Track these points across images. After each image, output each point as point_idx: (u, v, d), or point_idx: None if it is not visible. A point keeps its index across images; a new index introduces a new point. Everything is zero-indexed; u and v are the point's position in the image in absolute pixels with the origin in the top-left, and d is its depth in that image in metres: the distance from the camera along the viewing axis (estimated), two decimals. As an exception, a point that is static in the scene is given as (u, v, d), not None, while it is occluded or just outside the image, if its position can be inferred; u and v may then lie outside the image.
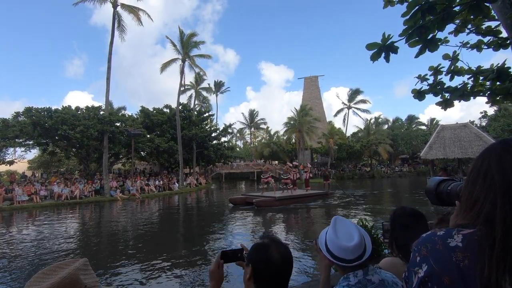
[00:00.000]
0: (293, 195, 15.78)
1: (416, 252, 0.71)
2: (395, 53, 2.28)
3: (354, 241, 1.12)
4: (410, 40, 2.18)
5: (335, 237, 1.15)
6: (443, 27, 2.15)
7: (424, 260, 0.68)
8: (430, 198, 0.94)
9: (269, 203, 14.24)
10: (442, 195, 0.88)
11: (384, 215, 10.89)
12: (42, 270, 0.78)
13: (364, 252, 1.14)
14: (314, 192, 17.66)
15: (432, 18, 2.04)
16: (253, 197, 14.98)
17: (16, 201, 16.60)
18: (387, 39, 2.21)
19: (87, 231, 10.70)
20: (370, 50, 2.28)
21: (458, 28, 2.72)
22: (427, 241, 0.69)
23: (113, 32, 21.60)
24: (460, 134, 15.42)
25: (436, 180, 0.93)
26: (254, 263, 1.09)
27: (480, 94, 2.91)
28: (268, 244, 1.11)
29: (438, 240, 0.67)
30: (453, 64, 2.90)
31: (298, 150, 36.13)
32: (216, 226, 10.74)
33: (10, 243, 8.76)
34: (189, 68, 29.00)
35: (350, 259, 1.11)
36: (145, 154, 28.36)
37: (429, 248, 0.68)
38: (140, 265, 6.42)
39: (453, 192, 0.85)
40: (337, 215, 1.26)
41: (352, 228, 1.17)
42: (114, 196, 19.87)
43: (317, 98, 49.90)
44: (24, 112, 21.07)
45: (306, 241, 8.02)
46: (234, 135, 61.28)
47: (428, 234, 0.71)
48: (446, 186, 0.88)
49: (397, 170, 41.09)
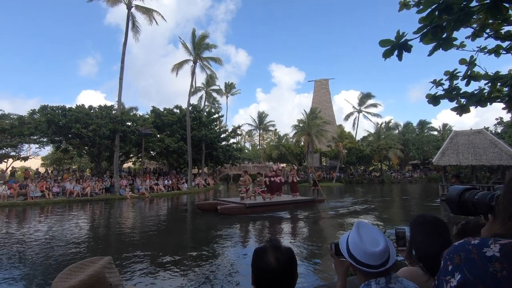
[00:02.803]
0: (268, 202, 13.74)
1: (447, 260, 0.69)
2: (408, 51, 2.24)
3: (380, 247, 1.09)
4: (424, 39, 2.15)
5: (360, 242, 1.12)
6: (459, 27, 2.12)
7: (457, 269, 0.66)
8: (452, 208, 0.91)
9: (236, 210, 12.40)
10: (467, 204, 0.86)
11: (393, 224, 10.71)
12: (68, 267, 0.79)
13: (388, 259, 1.11)
14: (295, 199, 15.18)
15: (448, 17, 2.00)
16: (223, 203, 13.26)
17: (30, 196, 17.03)
18: (401, 37, 2.18)
19: (97, 228, 10.89)
20: (383, 47, 2.25)
21: (476, 32, 2.67)
22: (461, 250, 0.68)
23: (126, 33, 22.01)
24: (474, 140, 15.08)
25: (458, 189, 0.90)
26: (253, 267, 1.11)
27: (497, 100, 2.84)
28: (266, 250, 1.11)
29: (473, 249, 0.66)
30: (469, 69, 2.84)
31: (307, 153, 35.94)
32: (222, 225, 10.73)
33: (22, 238, 8.97)
34: (200, 69, 29.29)
35: (376, 265, 1.08)
36: (155, 154, 28.71)
37: (463, 257, 0.66)
38: (147, 263, 6.48)
39: (481, 202, 0.82)
40: (360, 220, 1.24)
41: (377, 234, 1.14)
42: (124, 194, 20.16)
43: (327, 101, 49.61)
44: (40, 110, 21.65)
45: (316, 244, 7.95)
46: (243, 137, 61.44)
47: (461, 243, 0.70)
48: (472, 196, 0.85)
49: (408, 175, 40.38)
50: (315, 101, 49.29)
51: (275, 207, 13.70)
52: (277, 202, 14.19)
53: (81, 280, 0.73)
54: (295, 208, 14.00)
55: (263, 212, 12.83)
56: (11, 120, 22.57)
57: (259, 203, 13.34)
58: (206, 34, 27.87)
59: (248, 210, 12.59)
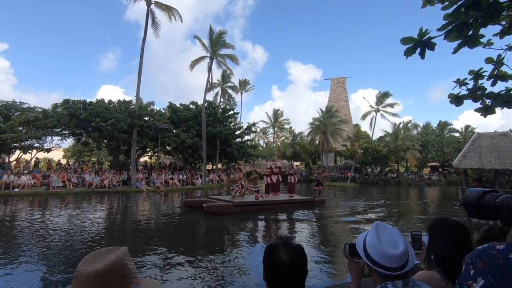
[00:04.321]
0: (260, 202, 12.74)
1: (469, 264, 0.68)
2: (431, 49, 2.17)
3: (400, 249, 1.07)
4: (448, 37, 2.07)
5: (378, 243, 1.09)
6: (487, 24, 2.02)
7: (479, 274, 0.65)
8: (470, 211, 0.87)
9: (224, 209, 11.62)
10: (487, 208, 0.82)
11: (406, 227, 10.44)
12: (90, 254, 0.84)
13: (407, 262, 1.08)
14: (291, 199, 14.13)
15: (475, 14, 1.91)
16: (212, 201, 12.62)
17: (52, 186, 17.76)
18: (424, 34, 2.10)
19: (114, 219, 11.25)
20: (405, 44, 2.18)
21: (505, 30, 2.54)
22: (484, 255, 0.66)
23: (146, 29, 22.41)
24: (499, 143, 14.43)
25: (477, 191, 0.87)
26: (265, 264, 1.13)
27: (526, 102, 2.70)
28: (277, 246, 1.12)
29: (498, 254, 0.64)
30: (496, 68, 2.71)
31: (322, 152, 35.56)
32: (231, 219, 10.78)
33: (46, 225, 9.39)
34: (217, 66, 29.47)
35: (395, 267, 1.06)
36: (170, 149, 29.22)
37: (487, 261, 0.65)
38: (159, 255, 6.62)
39: (504, 206, 0.78)
40: (378, 221, 1.22)
41: (397, 235, 1.12)
42: (140, 187, 20.67)
43: (343, 100, 48.83)
44: (62, 103, 22.49)
45: (330, 245, 7.89)
46: (257, 134, 61.50)
47: (485, 247, 0.68)
48: (493, 199, 0.82)
49: (426, 178, 39.22)
50: (331, 100, 48.63)
51: (268, 207, 12.79)
52: (270, 202, 13.19)
53: (105, 264, 0.77)
54: (292, 209, 12.99)
55: (255, 212, 12.01)
56: (35, 113, 23.55)
57: (249, 202, 12.44)
58: (224, 31, 28.00)
59: (238, 209, 11.75)
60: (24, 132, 21.19)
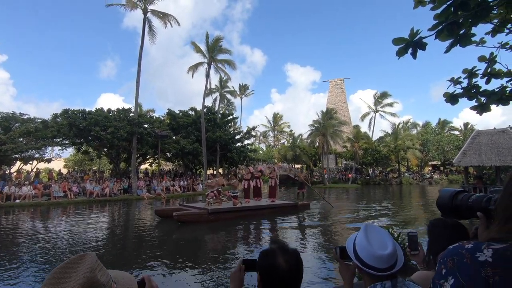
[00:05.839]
0: (237, 208, 11.85)
1: (441, 264, 0.69)
2: (423, 49, 2.19)
3: (388, 250, 1.08)
4: (439, 36, 2.09)
5: (367, 244, 1.10)
6: (477, 23, 2.04)
7: (450, 273, 0.66)
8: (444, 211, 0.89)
9: (196, 217, 10.79)
10: (461, 208, 0.83)
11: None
12: (52, 273, 0.67)
13: (396, 263, 1.09)
14: (272, 204, 13.21)
15: (464, 13, 1.93)
16: (185, 209, 11.84)
17: (53, 196, 17.74)
18: (415, 35, 2.13)
19: (115, 227, 11.22)
20: (397, 45, 2.21)
21: (496, 28, 2.57)
22: (454, 254, 0.67)
23: (143, 37, 22.59)
24: (498, 140, 14.44)
25: (450, 192, 0.88)
26: (260, 270, 1.11)
27: (521, 98, 2.71)
28: (274, 251, 1.11)
29: (466, 253, 0.65)
30: (490, 66, 2.73)
31: (322, 154, 35.55)
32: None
33: (46, 235, 9.36)
34: (215, 71, 29.62)
35: (383, 268, 1.07)
36: (170, 155, 29.23)
37: (456, 261, 0.66)
38: (162, 263, 6.60)
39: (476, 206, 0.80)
40: (368, 222, 1.22)
41: (386, 236, 1.13)
42: (141, 195, 20.64)
43: (342, 101, 48.97)
44: (62, 113, 22.55)
45: (331, 247, 7.85)
46: (257, 138, 61.57)
47: (455, 247, 0.69)
48: (466, 199, 0.83)
49: (428, 177, 39.15)
50: (330, 102, 48.77)
51: (247, 213, 11.93)
52: (249, 208, 12.30)
53: None
54: (273, 215, 12.24)
55: (232, 220, 11.27)
56: (35, 123, 23.62)
57: (225, 209, 11.57)
58: (220, 37, 28.25)
59: (212, 217, 10.93)
60: (24, 143, 21.21)
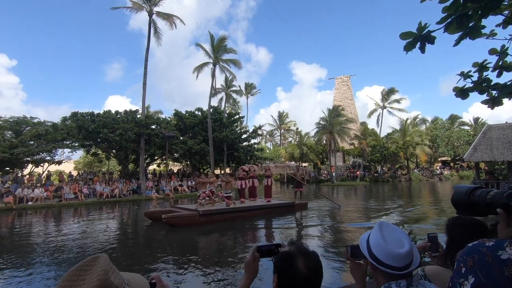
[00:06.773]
0: (229, 209, 11.34)
1: (461, 262, 0.67)
2: (431, 43, 2.14)
3: (406, 248, 1.05)
4: (448, 29, 2.04)
5: (383, 243, 1.07)
6: (487, 15, 1.99)
7: (470, 272, 0.64)
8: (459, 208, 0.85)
9: (186, 220, 10.28)
10: (478, 205, 0.80)
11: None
12: (65, 276, 0.68)
13: (412, 261, 1.07)
14: (267, 204, 12.65)
15: (474, 6, 1.89)
16: (175, 210, 11.42)
17: (64, 198, 18.05)
18: (424, 28, 2.08)
19: (125, 227, 11.37)
20: (404, 39, 2.16)
21: (508, 19, 2.50)
22: (474, 252, 0.65)
23: (149, 39, 22.77)
24: (510, 134, 14.13)
25: (466, 188, 0.85)
26: (279, 273, 1.07)
27: (534, 91, 2.64)
28: (294, 255, 1.07)
29: (487, 251, 0.63)
30: (501, 59, 2.66)
31: (329, 151, 35.34)
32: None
33: (59, 236, 9.54)
34: (220, 71, 29.68)
35: (400, 267, 1.04)
36: (178, 156, 29.44)
37: (477, 259, 0.64)
38: (171, 262, 6.66)
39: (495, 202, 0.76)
40: (382, 220, 1.19)
41: (401, 234, 1.10)
42: (150, 195, 20.85)
43: (349, 98, 48.55)
44: (71, 116, 22.94)
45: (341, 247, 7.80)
46: (264, 137, 61.54)
47: (475, 244, 0.67)
48: (484, 195, 0.79)
49: (437, 173, 38.57)
50: (336, 99, 48.41)
51: (241, 214, 11.41)
52: (243, 209, 11.71)
53: None
54: (269, 216, 11.79)
55: (224, 221, 10.80)
56: (45, 127, 24.06)
57: (218, 210, 11.08)
58: (225, 37, 28.22)
59: (203, 219, 10.43)
60: (35, 146, 21.65)
